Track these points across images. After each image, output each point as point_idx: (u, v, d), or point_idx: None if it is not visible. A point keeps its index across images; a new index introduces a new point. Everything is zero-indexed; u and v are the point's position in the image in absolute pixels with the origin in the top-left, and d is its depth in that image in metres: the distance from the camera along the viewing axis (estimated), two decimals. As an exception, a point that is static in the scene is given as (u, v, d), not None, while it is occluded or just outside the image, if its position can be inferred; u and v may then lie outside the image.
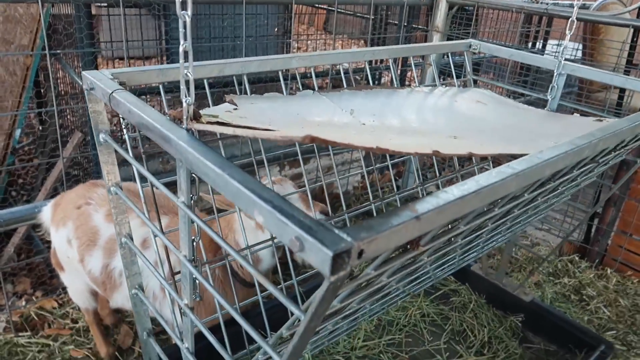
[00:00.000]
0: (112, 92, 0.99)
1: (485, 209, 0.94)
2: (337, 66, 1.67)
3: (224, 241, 0.85)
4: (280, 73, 1.49)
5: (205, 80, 1.33)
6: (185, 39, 0.80)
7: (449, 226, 0.90)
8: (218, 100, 1.22)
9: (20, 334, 2.15)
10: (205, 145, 0.80)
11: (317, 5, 4.82)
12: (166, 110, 1.16)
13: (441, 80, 3.76)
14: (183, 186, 0.92)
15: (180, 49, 0.81)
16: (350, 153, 3.22)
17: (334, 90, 1.55)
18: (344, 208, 1.62)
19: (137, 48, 4.65)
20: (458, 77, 1.96)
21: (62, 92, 3.85)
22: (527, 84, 4.17)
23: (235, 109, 1.21)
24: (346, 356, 1.87)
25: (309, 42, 7.79)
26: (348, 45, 7.59)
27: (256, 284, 1.44)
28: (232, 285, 1.61)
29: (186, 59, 0.82)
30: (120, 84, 1.09)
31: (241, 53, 2.33)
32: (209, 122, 0.89)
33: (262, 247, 1.53)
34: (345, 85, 1.73)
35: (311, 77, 1.59)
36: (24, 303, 2.40)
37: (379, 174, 3.82)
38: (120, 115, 1.01)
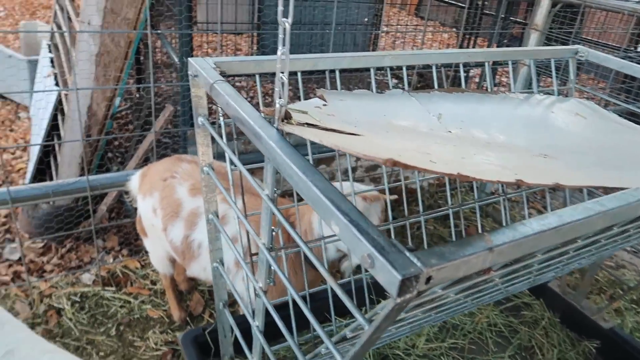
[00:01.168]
0: (213, 83, 1.04)
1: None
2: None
3: (299, 235, 0.88)
4: (372, 70, 1.48)
5: (298, 73, 1.36)
6: (283, 45, 0.82)
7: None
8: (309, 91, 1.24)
9: (107, 288, 2.35)
10: (293, 148, 0.82)
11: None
12: (261, 105, 1.21)
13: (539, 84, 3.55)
14: (268, 180, 0.95)
15: (278, 53, 0.84)
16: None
17: (424, 91, 1.52)
18: (421, 209, 1.61)
19: (230, 23, 4.81)
20: (561, 83, 1.85)
21: (159, 62, 4.08)
22: (632, 94, 3.83)
23: (325, 104, 1.22)
24: (407, 352, 1.88)
25: (398, 26, 7.64)
26: (439, 34, 7.36)
27: (323, 271, 1.48)
28: (303, 266, 1.66)
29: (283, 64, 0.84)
30: (221, 73, 1.15)
31: (329, 41, 2.34)
32: (298, 124, 0.91)
33: (333, 240, 1.56)
34: (435, 85, 1.70)
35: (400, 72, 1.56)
36: (111, 260, 2.62)
37: (457, 172, 3.71)
38: (219, 105, 1.06)
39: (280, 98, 0.88)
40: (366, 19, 4.23)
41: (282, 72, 0.85)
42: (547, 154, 1.24)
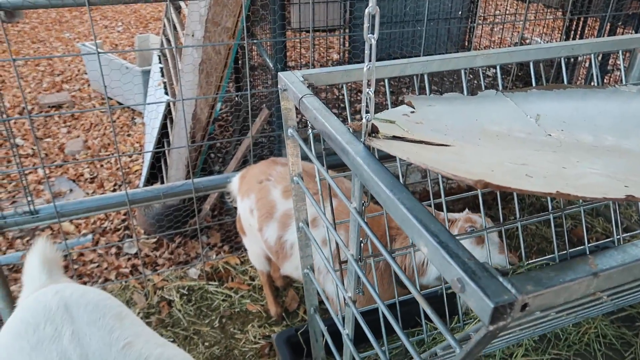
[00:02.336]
0: (301, 97, 1.08)
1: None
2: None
3: (384, 247, 0.89)
4: (462, 72, 1.43)
5: (386, 80, 1.36)
6: (370, 60, 0.83)
7: None
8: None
9: (210, 282, 2.53)
10: (380, 164, 0.83)
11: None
12: (348, 116, 1.23)
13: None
14: (356, 194, 0.97)
15: (365, 68, 0.85)
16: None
17: (520, 90, 1.44)
18: (517, 215, 1.53)
19: (322, 24, 4.88)
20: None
21: (255, 64, 4.26)
22: None
23: (413, 111, 1.21)
24: (503, 362, 1.80)
25: (497, 12, 7.25)
26: (542, 15, 6.85)
27: (410, 286, 1.47)
28: (393, 275, 1.66)
29: (369, 79, 0.84)
30: (309, 85, 1.18)
31: (421, 38, 2.29)
32: (385, 137, 0.92)
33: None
34: (533, 82, 1.60)
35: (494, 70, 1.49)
36: (214, 255, 2.81)
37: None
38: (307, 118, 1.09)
39: (367, 113, 0.89)
40: (460, 12, 4.07)
41: (369, 87, 0.86)
42: (665, 157, 1.12)
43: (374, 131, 0.92)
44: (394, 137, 0.93)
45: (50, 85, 5.52)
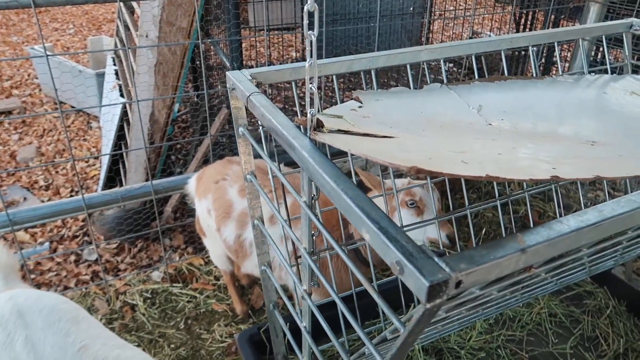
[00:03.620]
0: (249, 95, 1.10)
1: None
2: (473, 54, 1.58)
3: (334, 240, 0.92)
4: (407, 66, 1.48)
5: (334, 77, 1.39)
6: (311, 56, 0.86)
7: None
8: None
9: (174, 284, 2.51)
10: (324, 157, 0.86)
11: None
12: (298, 113, 1.26)
13: (596, 59, 3.36)
14: (305, 188, 1.00)
15: (307, 65, 0.88)
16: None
17: (464, 83, 1.50)
18: (466, 202, 1.59)
19: (278, 18, 4.88)
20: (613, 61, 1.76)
21: (213, 64, 4.23)
22: None
23: (360, 106, 1.24)
24: (461, 346, 1.88)
25: (451, 8, 7.41)
26: (492, 10, 7.07)
27: (371, 266, 1.51)
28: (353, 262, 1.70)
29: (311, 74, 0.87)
30: (257, 84, 1.20)
31: (375, 35, 2.34)
32: (330, 131, 0.95)
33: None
34: (476, 75, 1.67)
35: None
36: (178, 258, 2.79)
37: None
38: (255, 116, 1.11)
39: (311, 107, 0.92)
40: (412, 8, 4.15)
41: (312, 83, 0.89)
42: (596, 140, 1.19)
43: (319, 126, 0.95)
44: (339, 131, 0.96)
45: (-1, 91, 5.33)
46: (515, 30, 4.69)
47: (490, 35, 4.91)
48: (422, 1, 4.34)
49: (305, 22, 0.83)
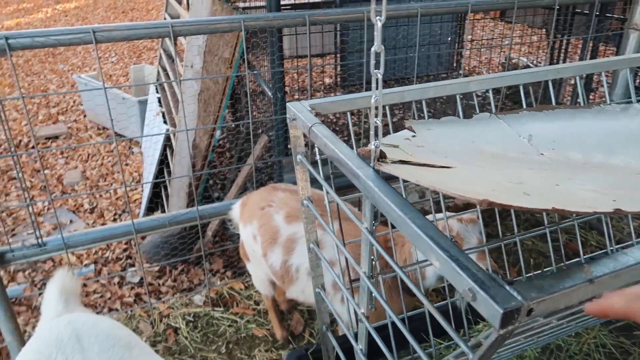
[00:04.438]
0: (311, 126, 1.15)
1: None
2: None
3: (397, 264, 0.95)
4: (457, 97, 1.52)
5: (387, 107, 1.44)
6: (376, 96, 0.91)
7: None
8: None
9: (215, 308, 2.55)
10: (389, 186, 0.90)
11: (493, 9, 4.62)
12: (353, 141, 1.31)
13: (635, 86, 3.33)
14: (367, 215, 1.03)
15: (372, 100, 0.92)
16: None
17: (512, 112, 1.52)
18: (515, 230, 1.60)
19: (314, 47, 5.02)
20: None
21: (252, 91, 4.36)
22: None
23: (414, 135, 1.29)
24: (507, 376, 1.85)
25: (483, 33, 7.47)
26: (527, 37, 7.09)
27: (423, 298, 1.52)
28: (400, 291, 1.71)
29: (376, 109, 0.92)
30: (316, 114, 1.26)
31: (413, 62, 2.40)
32: (392, 162, 0.99)
33: (428, 263, 1.60)
34: (524, 104, 1.69)
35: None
36: (218, 281, 2.84)
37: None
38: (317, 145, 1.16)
39: (375, 140, 0.96)
40: (449, 38, 4.22)
41: (376, 117, 0.94)
42: (649, 171, 1.19)
43: (381, 156, 0.99)
44: (400, 162, 1.00)
45: (46, 117, 5.59)
46: (550, 56, 4.70)
47: (524, 61, 4.92)
48: (456, 29, 4.41)
49: (373, 61, 0.88)
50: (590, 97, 4.07)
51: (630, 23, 2.99)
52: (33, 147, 4.86)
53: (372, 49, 0.87)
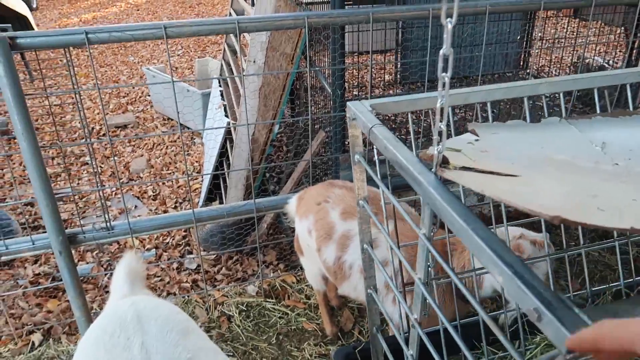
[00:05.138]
0: (371, 127, 1.14)
1: None
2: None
3: (453, 270, 0.93)
4: (525, 99, 1.46)
5: (450, 108, 1.40)
6: (442, 97, 0.89)
7: None
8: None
9: (268, 299, 2.61)
10: (452, 194, 0.88)
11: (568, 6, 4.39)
12: (413, 143, 1.28)
13: None
14: (426, 221, 1.02)
15: (438, 104, 0.90)
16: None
17: (584, 117, 1.44)
18: (581, 241, 1.52)
19: (375, 43, 4.97)
20: None
21: (311, 85, 4.39)
22: None
23: (477, 139, 1.24)
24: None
25: (553, 31, 7.11)
26: (603, 35, 6.68)
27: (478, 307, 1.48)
28: (454, 297, 1.67)
29: (441, 115, 0.90)
30: (377, 114, 1.24)
31: (479, 61, 2.32)
32: (455, 168, 0.96)
33: (485, 271, 1.55)
34: (598, 109, 1.60)
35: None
36: (270, 273, 2.89)
37: None
38: (376, 146, 1.15)
39: (439, 144, 0.94)
40: (518, 37, 4.05)
41: (441, 122, 0.91)
42: None
43: (444, 162, 0.97)
44: (464, 168, 0.97)
45: (116, 106, 5.89)
46: (628, 56, 4.40)
47: (599, 62, 4.64)
48: (524, 26, 4.23)
49: (440, 64, 0.86)
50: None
51: None
52: (104, 135, 5.14)
53: (441, 51, 0.85)
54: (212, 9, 12.07)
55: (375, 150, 1.34)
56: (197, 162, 4.55)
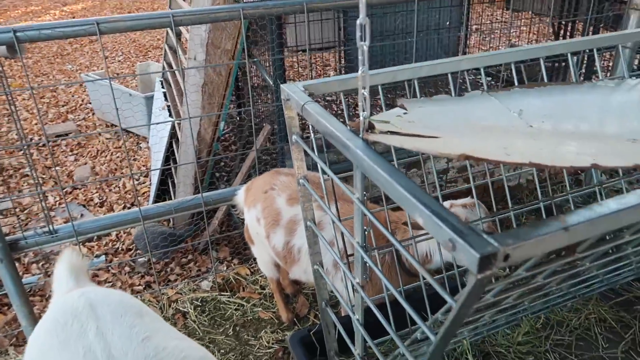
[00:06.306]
0: (304, 104, 1.20)
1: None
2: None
3: (389, 232, 0.99)
4: (449, 75, 1.55)
5: (379, 86, 1.47)
6: (363, 65, 0.95)
7: (610, 235, 0.90)
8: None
9: (222, 293, 2.61)
10: (378, 155, 0.94)
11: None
12: (347, 119, 1.35)
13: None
14: (358, 185, 1.08)
15: (359, 72, 0.96)
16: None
17: (504, 90, 1.55)
18: (509, 204, 1.63)
19: (318, 42, 5.06)
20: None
21: (256, 85, 4.41)
22: None
23: (405, 113, 1.32)
24: (509, 350, 1.88)
25: (488, 22, 7.44)
26: (532, 24, 7.05)
27: (415, 263, 1.56)
28: (398, 272, 1.75)
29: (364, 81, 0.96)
30: (310, 94, 1.30)
31: (412, 49, 2.43)
32: (380, 132, 1.03)
33: (425, 238, 1.64)
34: (516, 82, 1.72)
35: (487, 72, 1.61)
36: (224, 268, 2.90)
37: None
38: (310, 123, 1.21)
39: (363, 111, 1.00)
40: (448, 22, 4.23)
41: (364, 88, 0.98)
42: (637, 139, 1.22)
43: (370, 128, 1.04)
44: (389, 132, 1.04)
45: (55, 116, 5.68)
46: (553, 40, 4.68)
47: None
48: (458, 16, 4.41)
49: (358, 34, 0.93)
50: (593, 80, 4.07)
51: (631, 3, 2.99)
52: (44, 146, 4.96)
53: (358, 21, 0.91)
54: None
55: (311, 129, 1.40)
56: (144, 166, 4.48)
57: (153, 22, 2.05)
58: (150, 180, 4.05)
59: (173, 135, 3.60)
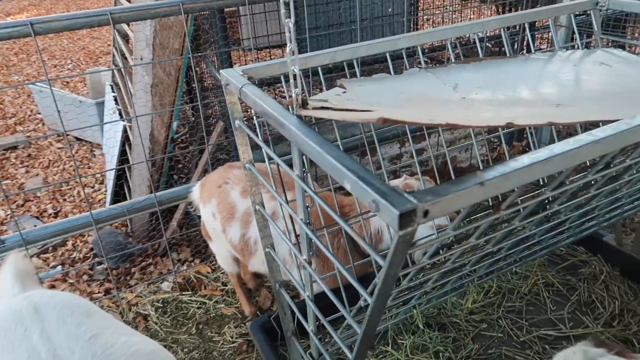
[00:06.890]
0: (241, 87, 1.20)
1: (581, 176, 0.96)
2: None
3: (331, 209, 1.01)
4: (387, 54, 1.58)
5: (319, 68, 1.49)
6: (290, 42, 0.96)
7: (534, 192, 0.94)
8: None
9: (184, 292, 2.58)
10: (310, 129, 0.95)
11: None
12: (286, 99, 1.36)
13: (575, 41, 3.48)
14: (296, 162, 1.09)
15: (288, 49, 0.98)
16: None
17: (441, 66, 1.60)
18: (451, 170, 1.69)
19: (271, 35, 5.04)
20: (588, 36, 1.87)
21: (209, 86, 4.37)
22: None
23: (344, 92, 1.35)
24: (463, 318, 1.94)
25: (436, 11, 7.58)
26: (482, 9, 7.25)
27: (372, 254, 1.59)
28: (350, 253, 1.78)
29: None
30: (249, 78, 1.30)
31: (357, 37, 2.46)
32: (314, 108, 1.04)
33: (372, 215, 1.67)
34: (452, 59, 1.77)
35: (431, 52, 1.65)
36: (185, 268, 2.86)
37: (508, 147, 3.68)
38: (248, 105, 1.21)
39: (295, 88, 1.02)
40: (390, 9, 4.30)
41: (293, 65, 0.99)
42: (562, 103, 1.28)
43: (304, 104, 1.05)
44: (322, 108, 1.06)
45: (3, 128, 5.47)
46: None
47: (479, 34, 5.04)
48: (406, 4, 4.49)
49: (283, 11, 0.94)
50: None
51: (564, -15, 3.11)
52: (-9, 159, 4.76)
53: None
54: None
55: (253, 112, 1.40)
56: (99, 173, 4.36)
57: (91, 21, 2.01)
58: (105, 187, 3.96)
59: (127, 139, 3.52)
